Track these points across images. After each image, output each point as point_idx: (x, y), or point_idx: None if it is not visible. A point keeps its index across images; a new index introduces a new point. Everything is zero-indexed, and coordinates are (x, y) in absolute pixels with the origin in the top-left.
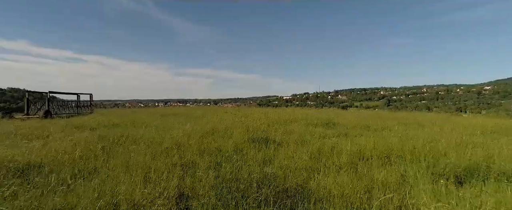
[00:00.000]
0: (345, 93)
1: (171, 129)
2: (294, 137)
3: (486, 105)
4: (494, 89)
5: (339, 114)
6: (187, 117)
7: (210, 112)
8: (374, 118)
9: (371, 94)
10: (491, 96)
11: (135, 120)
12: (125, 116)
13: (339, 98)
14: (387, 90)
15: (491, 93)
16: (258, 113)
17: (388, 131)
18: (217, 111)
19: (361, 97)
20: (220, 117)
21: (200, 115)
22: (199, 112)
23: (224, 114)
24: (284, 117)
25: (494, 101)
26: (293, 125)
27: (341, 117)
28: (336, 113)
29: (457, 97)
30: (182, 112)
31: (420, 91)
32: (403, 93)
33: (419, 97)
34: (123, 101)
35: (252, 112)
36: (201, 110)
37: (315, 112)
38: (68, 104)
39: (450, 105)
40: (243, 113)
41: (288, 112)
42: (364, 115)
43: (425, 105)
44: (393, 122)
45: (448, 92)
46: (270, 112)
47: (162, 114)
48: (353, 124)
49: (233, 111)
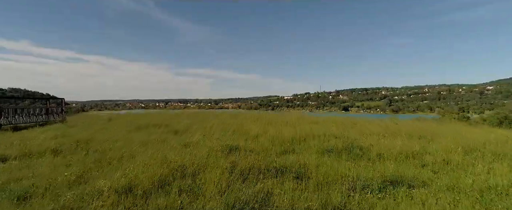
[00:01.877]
0: (346, 93)
1: (129, 159)
2: None
3: (489, 105)
4: (497, 89)
5: (356, 125)
6: (166, 131)
7: (201, 120)
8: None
9: (372, 94)
10: (494, 96)
11: (92, 138)
12: (94, 126)
13: (340, 99)
14: (388, 90)
15: (494, 93)
16: (261, 123)
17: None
18: (209, 117)
19: (362, 97)
20: (209, 130)
21: (185, 126)
22: (185, 121)
23: (218, 124)
24: (289, 131)
25: (497, 101)
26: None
27: (364, 129)
28: (352, 122)
29: (459, 97)
30: (166, 120)
31: (422, 91)
32: (404, 93)
33: (421, 97)
34: (123, 102)
35: (250, 119)
36: (192, 117)
37: (327, 119)
38: (34, 111)
39: (452, 105)
40: (241, 121)
41: (292, 120)
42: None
43: (427, 105)
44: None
45: (450, 92)
46: (272, 120)
47: (138, 126)
48: (395, 149)
49: (229, 119)
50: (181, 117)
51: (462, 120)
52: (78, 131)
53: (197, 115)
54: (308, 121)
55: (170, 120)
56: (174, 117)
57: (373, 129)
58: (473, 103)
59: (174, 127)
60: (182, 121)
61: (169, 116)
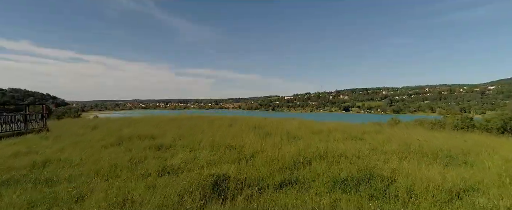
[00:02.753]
0: (347, 93)
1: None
2: None
3: (490, 105)
4: (498, 89)
5: (365, 136)
6: (148, 146)
7: (193, 128)
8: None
9: (373, 94)
10: (495, 96)
11: (55, 157)
12: (72, 137)
13: (341, 99)
14: (389, 90)
15: (495, 93)
16: (259, 134)
17: None
18: (203, 126)
19: (363, 97)
20: (198, 145)
21: (172, 139)
22: (174, 132)
23: (210, 135)
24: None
25: (498, 101)
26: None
27: (376, 143)
28: (360, 131)
29: (460, 97)
30: (155, 127)
31: (423, 91)
32: (405, 93)
33: (422, 98)
34: (124, 102)
35: (247, 127)
36: (185, 125)
37: (331, 128)
38: (9, 118)
39: (453, 105)
40: (236, 131)
41: (293, 129)
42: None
43: (428, 105)
44: None
45: (451, 92)
46: (271, 129)
47: (120, 137)
48: (428, 181)
49: (224, 128)
50: (173, 124)
51: (466, 121)
52: (49, 144)
53: (192, 120)
54: (310, 129)
55: (159, 127)
56: (165, 123)
57: (387, 144)
58: (474, 103)
59: (159, 140)
60: (171, 130)
61: (160, 122)
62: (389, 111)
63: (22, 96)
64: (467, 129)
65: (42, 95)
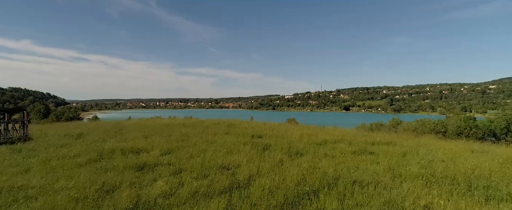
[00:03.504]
0: (347, 92)
1: None
2: None
3: (491, 104)
4: (499, 88)
5: (375, 147)
6: (123, 168)
7: (179, 141)
8: None
9: (373, 93)
10: (496, 95)
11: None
12: (47, 149)
13: (341, 98)
14: (389, 90)
15: (496, 92)
16: (253, 149)
17: None
18: (189, 136)
19: (363, 96)
20: (174, 171)
21: (154, 159)
22: (163, 146)
23: (194, 150)
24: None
25: (499, 100)
26: None
27: (393, 163)
28: (368, 142)
29: (461, 96)
30: (145, 134)
31: (423, 90)
32: (406, 93)
33: (422, 97)
34: (124, 101)
35: (237, 137)
36: (176, 134)
37: (339, 136)
38: None
39: (454, 104)
40: (224, 143)
41: (295, 139)
42: None
43: (429, 104)
44: None
45: (452, 91)
46: (270, 140)
47: (100, 152)
48: None
49: (211, 137)
50: (164, 132)
51: (468, 122)
52: (16, 162)
53: (186, 127)
54: (314, 140)
55: (149, 137)
56: (157, 131)
57: (403, 162)
58: (475, 102)
59: (144, 156)
60: (160, 141)
61: (152, 130)
62: (390, 110)
63: (22, 96)
64: (470, 131)
65: (42, 95)
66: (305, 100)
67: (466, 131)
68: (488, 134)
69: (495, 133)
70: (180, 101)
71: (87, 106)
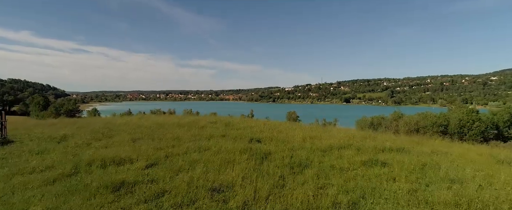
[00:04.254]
0: (347, 84)
1: None
2: None
3: (492, 96)
4: (500, 79)
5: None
6: (95, 190)
7: (169, 146)
8: None
9: (374, 85)
10: (497, 87)
11: None
12: (19, 157)
13: (342, 90)
14: (390, 82)
15: (497, 84)
16: (245, 159)
17: None
18: (183, 139)
19: (364, 88)
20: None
21: (135, 175)
22: (150, 155)
23: (180, 159)
24: None
25: (500, 92)
26: None
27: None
28: (376, 148)
29: (462, 88)
30: (134, 138)
31: (424, 82)
32: (406, 85)
33: (423, 88)
34: (124, 93)
35: (226, 142)
36: (167, 137)
37: (348, 136)
38: None
39: (455, 96)
40: (211, 154)
41: (297, 143)
42: None
43: (430, 96)
44: None
45: (453, 83)
46: (269, 144)
47: (75, 165)
48: None
49: (212, 148)
50: (156, 134)
51: (471, 115)
52: None
53: (181, 127)
54: (318, 145)
55: (137, 142)
56: (148, 133)
57: (426, 179)
58: (476, 94)
59: (124, 171)
60: (149, 147)
61: (143, 132)
62: (390, 103)
63: (22, 87)
64: (473, 124)
65: (42, 86)
66: (305, 93)
67: (469, 124)
68: (491, 127)
69: (498, 125)
70: (181, 93)
71: (87, 98)
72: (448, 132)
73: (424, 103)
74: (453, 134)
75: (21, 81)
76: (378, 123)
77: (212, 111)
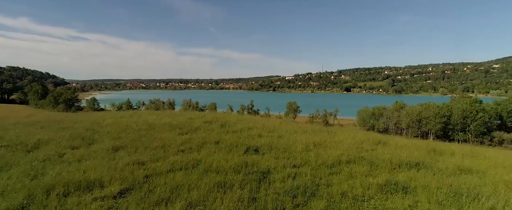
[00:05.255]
0: (348, 73)
1: None
2: None
3: (494, 84)
4: (503, 67)
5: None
6: None
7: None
8: None
9: (375, 74)
10: (499, 75)
11: None
12: None
13: (343, 79)
14: (391, 70)
15: (500, 72)
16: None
17: None
18: (163, 160)
19: (365, 77)
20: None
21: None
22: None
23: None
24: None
25: (502, 80)
26: None
27: None
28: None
29: (464, 76)
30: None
31: (426, 70)
32: (408, 73)
33: (425, 77)
34: (124, 81)
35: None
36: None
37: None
38: None
39: (456, 85)
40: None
41: (298, 151)
42: None
43: (431, 85)
44: None
45: (454, 71)
46: (268, 151)
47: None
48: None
49: (203, 162)
50: (143, 141)
51: (475, 105)
52: None
53: (172, 129)
54: (324, 155)
55: (116, 154)
56: (133, 137)
57: None
58: (477, 82)
59: (89, 198)
60: (128, 163)
61: (127, 136)
62: (391, 91)
63: (21, 75)
64: (477, 115)
65: (41, 74)
66: (306, 82)
67: (472, 115)
68: (495, 117)
69: (502, 115)
70: (180, 82)
71: (87, 86)
72: (451, 122)
73: (425, 92)
74: (456, 125)
75: (20, 69)
76: (379, 113)
77: (211, 101)
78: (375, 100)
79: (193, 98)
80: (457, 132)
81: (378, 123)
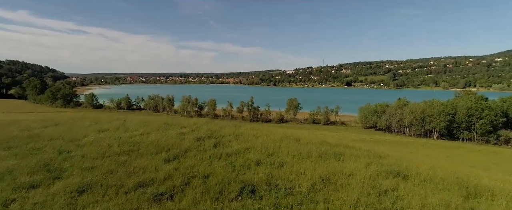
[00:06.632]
0: (349, 67)
1: None
2: None
3: (496, 78)
4: (505, 60)
5: None
6: None
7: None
8: None
9: (376, 68)
10: (502, 69)
11: None
12: None
13: (343, 73)
14: (392, 64)
15: (502, 65)
16: None
17: None
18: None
19: (365, 71)
20: None
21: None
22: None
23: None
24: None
25: (505, 74)
26: None
27: None
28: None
29: (466, 70)
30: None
31: (427, 64)
32: (409, 67)
33: (426, 71)
34: (124, 75)
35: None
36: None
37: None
38: None
39: (458, 79)
40: None
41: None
42: None
43: (432, 79)
44: None
45: (456, 64)
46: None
47: None
48: None
49: None
50: (113, 181)
51: (480, 103)
52: None
53: (159, 149)
54: (338, 203)
55: (96, 181)
56: (119, 163)
57: None
58: (480, 76)
59: None
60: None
61: (111, 156)
62: (392, 86)
63: (20, 69)
64: (482, 113)
65: (41, 68)
66: (306, 76)
67: (478, 113)
68: (501, 115)
69: (508, 113)
70: (181, 76)
71: (87, 80)
72: (456, 121)
73: (426, 86)
74: (461, 123)
75: (19, 62)
76: (382, 110)
77: (211, 97)
78: (376, 94)
79: (193, 93)
80: (462, 131)
81: (381, 121)
